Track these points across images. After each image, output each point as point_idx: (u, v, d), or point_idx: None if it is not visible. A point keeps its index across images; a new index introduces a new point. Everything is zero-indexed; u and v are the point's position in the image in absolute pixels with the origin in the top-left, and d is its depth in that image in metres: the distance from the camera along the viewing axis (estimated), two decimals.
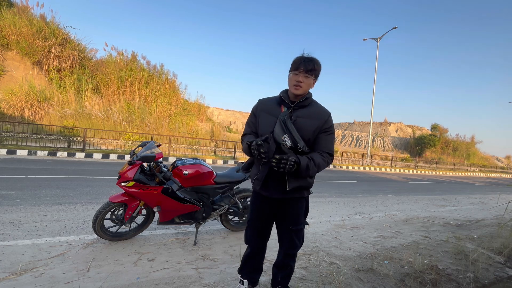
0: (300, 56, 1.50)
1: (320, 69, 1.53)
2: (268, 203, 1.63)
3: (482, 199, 8.09)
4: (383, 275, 2.28)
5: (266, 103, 1.61)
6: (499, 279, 2.43)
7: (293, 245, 1.68)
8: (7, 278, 1.84)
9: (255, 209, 1.70)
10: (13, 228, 2.72)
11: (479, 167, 30.48)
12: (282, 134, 1.45)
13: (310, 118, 1.52)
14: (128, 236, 2.65)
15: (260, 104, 1.63)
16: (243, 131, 1.73)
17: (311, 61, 1.48)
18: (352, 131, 41.16)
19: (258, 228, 1.71)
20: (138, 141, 11.70)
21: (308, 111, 1.53)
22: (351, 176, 12.18)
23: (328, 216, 4.35)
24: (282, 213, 1.65)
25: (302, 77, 1.46)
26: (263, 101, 1.64)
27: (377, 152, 30.77)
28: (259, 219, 1.69)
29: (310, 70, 1.46)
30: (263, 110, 1.59)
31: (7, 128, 9.91)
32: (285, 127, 1.46)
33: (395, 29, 20.29)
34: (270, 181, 1.56)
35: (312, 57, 1.51)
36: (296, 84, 1.47)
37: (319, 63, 1.52)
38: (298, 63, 1.47)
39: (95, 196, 4.27)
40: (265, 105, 1.61)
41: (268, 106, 1.59)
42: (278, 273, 1.75)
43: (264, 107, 1.60)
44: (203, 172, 2.68)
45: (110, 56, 16.23)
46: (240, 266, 1.84)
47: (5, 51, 13.39)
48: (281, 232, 1.71)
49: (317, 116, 1.53)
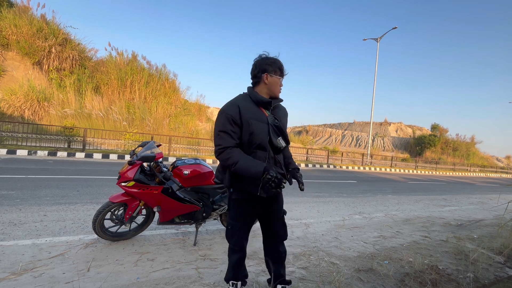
0: (277, 59, 1.59)
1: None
2: (260, 202, 1.63)
3: (482, 199, 8.09)
4: (383, 275, 2.28)
5: (249, 108, 1.50)
6: (499, 279, 2.43)
7: (282, 233, 1.75)
8: (7, 278, 1.84)
9: (243, 214, 1.63)
10: (13, 228, 2.72)
11: (479, 167, 30.49)
12: (277, 138, 1.55)
13: (284, 116, 1.70)
14: (128, 236, 2.65)
15: (244, 111, 1.47)
16: (221, 141, 1.47)
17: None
18: (352, 131, 41.15)
19: (246, 231, 1.69)
20: (138, 141, 11.70)
21: (280, 111, 1.69)
22: (351, 176, 12.18)
23: (328, 216, 4.35)
24: (274, 206, 1.70)
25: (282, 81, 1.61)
26: (244, 106, 1.49)
27: (377, 152, 30.76)
28: (248, 224, 1.68)
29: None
30: (251, 118, 1.48)
31: (7, 128, 9.92)
32: (278, 130, 1.57)
33: (395, 29, 20.31)
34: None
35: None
36: (280, 89, 1.61)
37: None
38: (282, 68, 1.58)
39: (95, 196, 4.27)
40: (250, 111, 1.49)
41: (254, 113, 1.50)
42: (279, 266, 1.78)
43: (252, 115, 1.49)
44: (203, 172, 2.68)
45: (110, 56, 16.24)
46: (230, 273, 1.72)
47: (5, 51, 13.39)
48: (272, 225, 1.74)
49: (285, 113, 1.74)
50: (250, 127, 1.47)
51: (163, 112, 15.90)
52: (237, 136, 1.48)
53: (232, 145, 1.47)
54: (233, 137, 1.47)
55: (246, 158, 1.46)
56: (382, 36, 21.16)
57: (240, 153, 1.47)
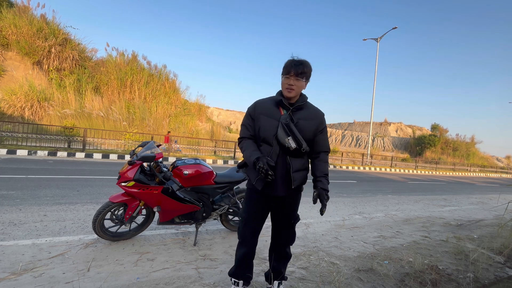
0: (290, 60, 1.54)
1: (311, 71, 1.56)
2: (268, 201, 1.67)
3: (482, 199, 8.09)
4: (383, 275, 2.28)
5: (264, 105, 1.61)
6: (499, 279, 2.43)
7: (289, 237, 1.76)
8: (7, 278, 1.84)
9: (253, 207, 1.70)
10: (13, 228, 2.72)
11: (479, 167, 30.48)
12: (286, 137, 1.50)
13: (310, 119, 1.59)
14: (128, 236, 2.65)
15: (258, 107, 1.61)
16: (240, 133, 1.70)
17: (301, 64, 1.52)
18: (352, 131, 41.16)
19: (255, 226, 1.74)
20: (138, 141, 11.70)
21: (306, 113, 1.60)
22: (351, 176, 12.18)
23: (328, 216, 4.35)
24: (281, 208, 1.69)
25: (293, 80, 1.52)
26: (260, 103, 1.63)
27: (377, 152, 30.77)
28: (257, 217, 1.72)
29: (301, 73, 1.51)
30: (261, 113, 1.59)
31: (7, 128, 9.92)
32: (289, 129, 1.51)
33: (395, 29, 20.30)
34: (275, 180, 1.57)
35: (302, 60, 1.54)
36: (288, 88, 1.53)
37: (309, 65, 1.55)
38: (289, 67, 1.52)
39: (95, 196, 4.27)
40: (263, 107, 1.60)
41: (266, 109, 1.59)
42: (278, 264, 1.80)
43: (263, 110, 1.59)
44: (203, 172, 2.68)
45: (110, 56, 16.25)
46: (234, 268, 1.79)
47: (5, 51, 13.39)
48: (280, 226, 1.75)
49: (315, 117, 1.62)
50: (258, 122, 1.59)
51: (163, 112, 15.91)
52: (252, 129, 1.64)
53: (247, 136, 1.65)
54: (249, 129, 1.65)
55: (251, 148, 1.58)
56: (382, 36, 21.16)
57: (249, 143, 1.62)
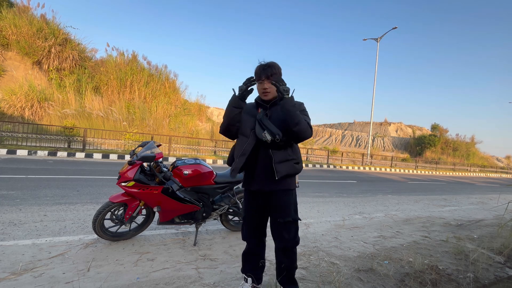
0: (258, 66, 1.63)
1: (280, 70, 1.65)
2: (258, 198, 1.71)
3: (482, 199, 8.09)
4: (383, 275, 2.28)
5: (247, 107, 1.74)
6: (499, 279, 2.43)
7: (282, 239, 1.68)
8: (7, 278, 1.84)
9: (248, 205, 1.77)
10: (13, 228, 2.72)
11: (479, 167, 30.49)
12: (262, 132, 1.59)
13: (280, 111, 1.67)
14: (128, 236, 2.65)
15: (244, 109, 1.72)
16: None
17: (269, 66, 1.60)
18: (352, 131, 41.16)
19: (253, 225, 1.77)
20: (138, 141, 11.70)
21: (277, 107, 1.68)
22: (351, 176, 12.18)
23: (328, 216, 4.35)
24: (271, 206, 1.70)
25: (266, 84, 1.60)
26: (246, 106, 1.75)
27: (377, 152, 30.77)
28: (253, 215, 1.76)
29: (271, 75, 1.59)
30: (244, 112, 1.70)
31: (7, 128, 9.92)
32: (263, 124, 1.61)
33: (395, 29, 20.31)
34: (259, 174, 1.64)
35: (269, 62, 1.63)
36: (263, 92, 1.64)
37: (277, 65, 1.64)
38: (259, 73, 1.61)
39: (95, 196, 4.27)
40: (246, 108, 1.73)
41: (248, 110, 1.73)
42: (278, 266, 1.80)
43: (246, 110, 1.72)
44: (203, 172, 2.68)
45: (110, 56, 16.24)
46: (242, 264, 1.87)
47: (5, 51, 13.40)
48: (272, 226, 1.75)
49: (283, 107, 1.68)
50: (241, 120, 1.71)
51: (163, 112, 15.91)
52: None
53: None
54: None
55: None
56: (382, 36, 21.16)
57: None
